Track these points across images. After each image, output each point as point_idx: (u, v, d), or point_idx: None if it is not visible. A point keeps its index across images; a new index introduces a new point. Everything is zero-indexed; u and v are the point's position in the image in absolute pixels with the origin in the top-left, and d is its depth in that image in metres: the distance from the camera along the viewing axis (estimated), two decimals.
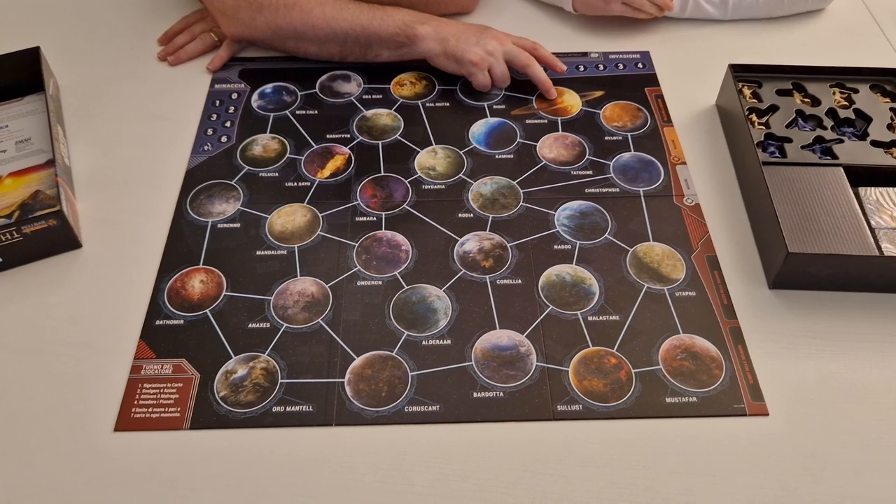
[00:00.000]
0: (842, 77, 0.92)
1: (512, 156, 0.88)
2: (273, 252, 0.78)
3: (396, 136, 0.91)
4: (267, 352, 0.70)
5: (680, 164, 0.87)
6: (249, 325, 0.72)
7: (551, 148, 0.89)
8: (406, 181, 0.85)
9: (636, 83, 0.98)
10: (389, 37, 0.92)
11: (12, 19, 1.06)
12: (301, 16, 0.92)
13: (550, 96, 0.94)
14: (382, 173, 0.86)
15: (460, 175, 0.86)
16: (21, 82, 0.92)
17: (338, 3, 0.92)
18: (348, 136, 0.91)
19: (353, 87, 0.97)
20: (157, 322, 0.72)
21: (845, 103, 0.89)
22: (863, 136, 0.85)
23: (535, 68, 0.94)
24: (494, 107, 0.94)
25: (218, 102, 0.95)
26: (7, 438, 0.64)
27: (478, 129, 0.92)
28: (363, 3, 0.93)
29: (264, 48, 1.00)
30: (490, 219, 0.81)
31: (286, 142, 0.90)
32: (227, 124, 0.92)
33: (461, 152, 0.89)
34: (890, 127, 0.86)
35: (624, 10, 1.01)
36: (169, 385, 0.68)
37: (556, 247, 0.79)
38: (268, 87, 0.97)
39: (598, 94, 0.96)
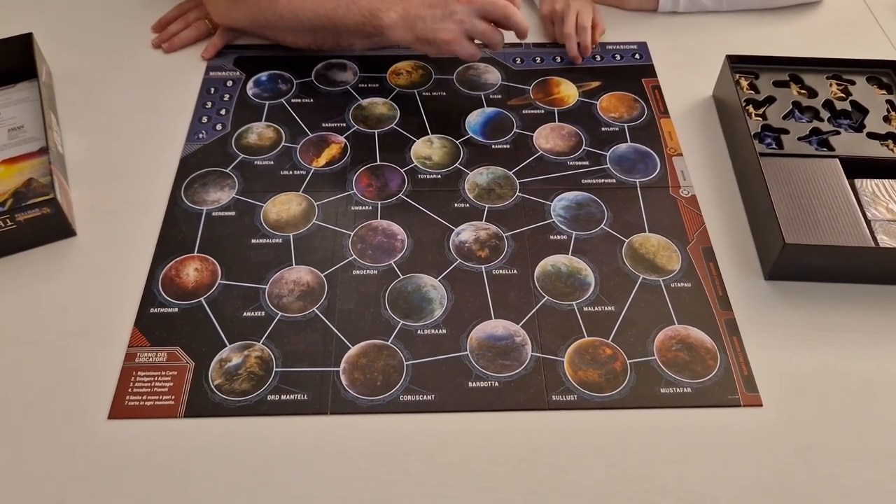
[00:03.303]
0: (838, 69, 0.92)
1: (508, 146, 0.88)
2: (268, 240, 0.78)
3: (392, 125, 0.91)
4: (262, 340, 0.70)
5: (676, 156, 0.87)
6: (244, 314, 0.72)
7: (548, 138, 0.89)
8: (402, 170, 0.85)
9: (633, 74, 0.97)
10: (355, 26, 0.89)
11: (4, 4, 1.05)
12: (269, 5, 0.91)
13: (522, 37, 0.88)
14: (378, 162, 0.86)
15: (456, 165, 0.86)
16: (13, 69, 0.91)
17: None
18: (344, 124, 0.90)
19: (348, 75, 0.97)
20: (152, 310, 0.72)
21: (842, 95, 0.89)
22: (859, 127, 0.85)
23: (515, 17, 0.86)
24: (491, 96, 0.94)
25: (213, 90, 0.94)
26: (1, 427, 0.64)
27: (474, 118, 0.91)
28: None
29: (255, 36, 0.99)
30: (486, 209, 0.81)
31: (281, 130, 0.89)
32: (222, 112, 0.91)
33: (457, 142, 0.88)
34: (886, 119, 0.86)
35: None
36: (163, 373, 0.67)
37: (551, 237, 0.79)
38: (263, 75, 0.96)
39: (595, 84, 0.96)
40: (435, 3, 0.86)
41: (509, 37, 1.02)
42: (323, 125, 0.90)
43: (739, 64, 0.92)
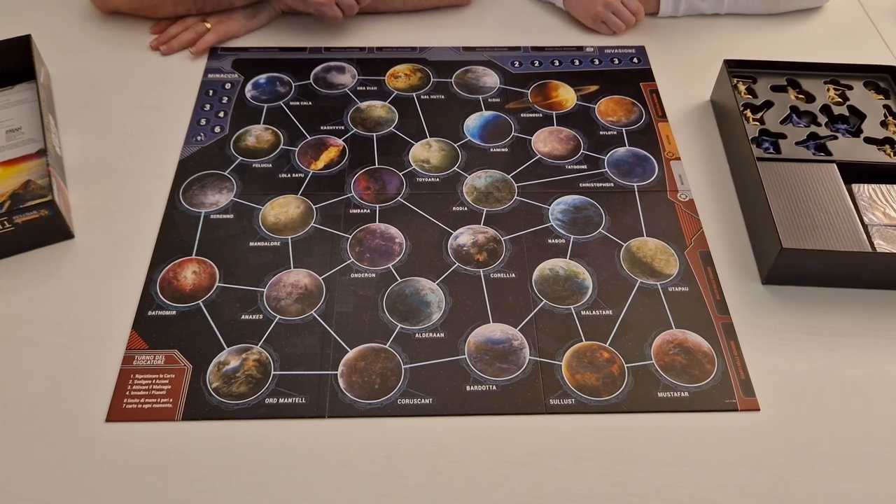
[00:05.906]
0: (836, 74, 0.92)
1: (506, 149, 0.88)
2: (266, 243, 0.78)
3: (391, 128, 0.91)
4: (259, 343, 0.70)
5: (674, 160, 0.87)
6: (242, 317, 0.72)
7: (546, 142, 0.89)
8: (400, 173, 0.85)
9: (631, 78, 0.98)
10: None
11: (3, 5, 1.05)
12: None
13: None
14: (376, 165, 0.86)
15: (454, 168, 0.86)
16: (12, 70, 0.91)
17: None
18: (342, 127, 0.90)
19: (347, 78, 0.97)
20: (150, 313, 0.72)
21: (839, 100, 0.90)
22: (856, 132, 0.86)
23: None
24: (489, 100, 0.94)
25: (211, 92, 0.94)
26: None
27: (472, 122, 0.91)
28: None
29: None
30: (484, 212, 0.81)
31: (280, 133, 0.89)
32: (221, 115, 0.91)
33: (455, 145, 0.88)
34: (883, 124, 0.86)
35: (602, 28, 1.03)
36: (161, 376, 0.67)
37: (549, 241, 0.79)
38: (261, 78, 0.96)
39: (593, 88, 0.96)
40: None
41: (508, 39, 1.02)
42: (321, 128, 0.90)
43: (737, 68, 0.92)
